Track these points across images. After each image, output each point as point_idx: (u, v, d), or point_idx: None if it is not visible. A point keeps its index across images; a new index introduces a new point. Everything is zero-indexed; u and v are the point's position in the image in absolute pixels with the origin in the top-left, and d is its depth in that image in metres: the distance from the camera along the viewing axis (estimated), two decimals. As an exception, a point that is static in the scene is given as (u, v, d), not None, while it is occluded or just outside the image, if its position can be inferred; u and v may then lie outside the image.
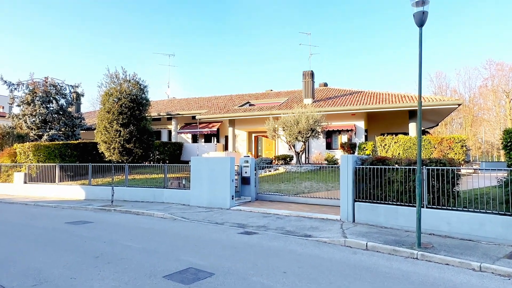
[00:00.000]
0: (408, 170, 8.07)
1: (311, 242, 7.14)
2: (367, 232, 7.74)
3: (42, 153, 18.25)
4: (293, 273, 5.18)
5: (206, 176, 12.10)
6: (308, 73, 23.08)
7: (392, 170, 8.35)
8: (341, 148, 20.46)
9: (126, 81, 18.87)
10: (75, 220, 9.90)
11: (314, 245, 6.90)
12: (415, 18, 6.59)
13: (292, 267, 5.47)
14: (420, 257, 6.04)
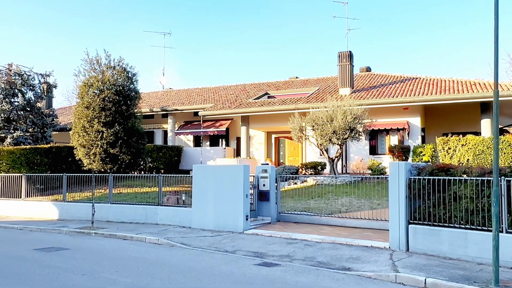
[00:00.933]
0: (481, 182, 7.89)
1: (351, 278, 7.06)
2: (425, 264, 7.61)
3: (5, 161, 18.80)
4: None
5: (213, 190, 12.16)
6: (345, 55, 22.96)
7: (459, 182, 8.18)
8: (389, 153, 20.23)
9: (109, 68, 19.31)
10: (47, 246, 10.07)
11: (355, 282, 6.82)
12: (489, -20, 6.47)
13: (325, 310, 5.43)
14: (499, 299, 5.89)
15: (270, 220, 12.82)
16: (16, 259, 8.80)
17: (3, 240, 11.36)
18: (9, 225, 13.94)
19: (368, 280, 6.92)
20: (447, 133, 19.91)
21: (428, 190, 8.56)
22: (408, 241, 8.77)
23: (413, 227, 8.73)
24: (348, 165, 21.36)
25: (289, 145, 25.26)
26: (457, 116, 21.87)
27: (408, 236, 8.79)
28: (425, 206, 8.61)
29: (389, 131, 21.30)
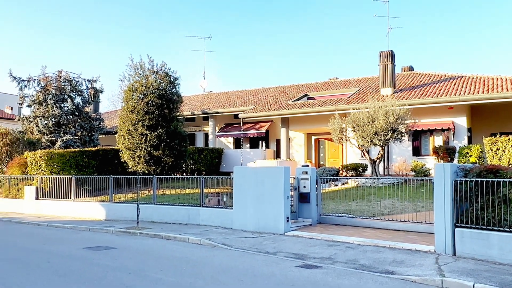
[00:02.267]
0: (534, 185, 7.53)
1: (394, 282, 6.90)
2: (473, 269, 7.33)
3: (55, 163, 19.55)
4: (371, 322, 5.06)
5: (253, 192, 12.22)
6: (386, 54, 22.50)
7: (510, 184, 7.83)
8: (434, 154, 19.62)
9: (153, 73, 19.76)
10: (95, 245, 10.40)
11: (399, 285, 6.67)
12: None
13: (369, 314, 5.34)
14: (554, 307, 5.59)
15: (310, 222, 12.73)
16: (67, 257, 9.12)
17: (55, 239, 11.80)
18: (60, 225, 14.47)
19: (412, 284, 6.74)
20: (495, 133, 19.09)
21: (476, 193, 8.24)
22: (455, 245, 8.47)
23: (460, 231, 8.43)
24: (390, 167, 20.89)
25: (329, 147, 25.01)
26: (506, 115, 20.91)
27: (455, 239, 8.48)
28: (472, 209, 8.29)
29: (433, 131, 20.66)
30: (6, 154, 22.79)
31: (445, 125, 19.85)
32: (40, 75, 25.15)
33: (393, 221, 11.67)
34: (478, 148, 16.91)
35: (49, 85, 24.69)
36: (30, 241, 11.49)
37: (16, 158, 21.94)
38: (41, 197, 18.58)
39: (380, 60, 22.65)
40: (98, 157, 20.57)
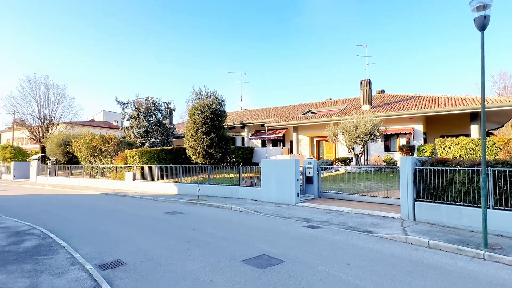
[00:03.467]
0: (472, 172, 7.19)
1: (372, 238, 6.75)
2: (428, 230, 7.07)
3: (145, 157, 20.08)
4: (356, 265, 4.96)
5: (274, 176, 12.20)
6: (365, 82, 21.99)
7: (454, 171, 7.51)
8: (399, 151, 19.04)
9: (207, 97, 19.96)
10: (171, 211, 10.66)
11: (375, 241, 6.51)
12: (476, 22, 5.88)
13: (354, 260, 5.24)
14: (487, 258, 5.33)
15: (314, 197, 12.58)
16: (154, 219, 9.38)
17: (145, 207, 12.11)
18: (148, 197, 14.86)
19: (385, 240, 6.57)
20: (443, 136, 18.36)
21: (430, 177, 7.95)
22: (415, 213, 8.20)
23: (418, 204, 8.15)
24: (368, 159, 20.39)
25: (326, 146, 24.64)
26: (451, 123, 20.10)
27: (415, 210, 8.21)
28: (427, 188, 8.01)
29: (399, 134, 20.03)
30: (114, 151, 23.54)
31: (407, 130, 19.21)
32: (135, 99, 25.87)
33: (371, 196, 11.39)
34: (431, 146, 16.29)
35: (140, 106, 25.35)
36: (129, 208, 11.81)
37: (120, 154, 22.61)
38: (136, 179, 19.07)
39: (361, 86, 22.16)
40: (172, 153, 21.00)
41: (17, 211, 10.70)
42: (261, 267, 4.84)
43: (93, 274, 4.56)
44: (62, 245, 6.17)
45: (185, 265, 4.97)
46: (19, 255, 5.51)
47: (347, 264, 5.00)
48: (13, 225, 8.16)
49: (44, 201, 13.94)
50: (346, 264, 5.02)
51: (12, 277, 4.41)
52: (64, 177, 24.37)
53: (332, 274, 4.58)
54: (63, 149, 27.85)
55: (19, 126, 35.86)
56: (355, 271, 4.68)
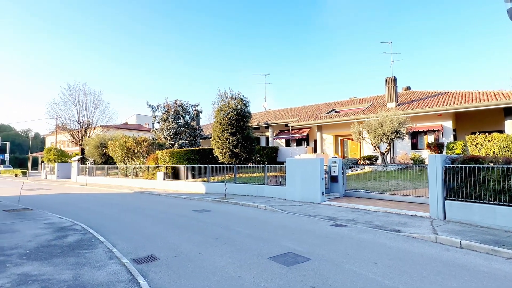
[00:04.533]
0: (507, 169, 6.74)
1: (400, 237, 6.51)
2: (460, 230, 6.71)
3: (175, 157, 20.59)
4: (383, 264, 4.81)
5: (299, 175, 12.09)
6: (390, 79, 21.24)
7: (487, 169, 7.08)
8: (427, 148, 18.20)
9: (232, 99, 20.14)
10: (199, 209, 10.83)
11: (403, 240, 6.28)
12: (509, 13, 5.51)
13: (382, 259, 5.08)
14: (526, 260, 4.97)
15: (339, 196, 12.34)
16: (183, 216, 9.57)
17: (175, 205, 12.37)
18: (178, 196, 15.20)
19: (413, 240, 6.32)
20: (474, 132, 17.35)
21: (461, 175, 7.55)
22: (445, 212, 7.82)
23: (448, 202, 7.76)
24: (395, 157, 19.68)
25: (351, 144, 24.06)
26: (483, 119, 18.92)
27: (445, 209, 7.83)
28: (458, 187, 7.60)
29: (426, 132, 19.17)
30: (146, 152, 24.37)
31: (436, 127, 18.35)
32: (164, 103, 26.63)
33: (398, 195, 10.99)
34: (462, 143, 15.44)
35: (169, 109, 26.05)
36: (160, 206, 12.10)
37: (151, 155, 23.33)
38: (167, 178, 19.56)
39: (386, 83, 21.44)
40: (200, 153, 21.37)
41: (61, 208, 11.37)
42: (288, 264, 4.82)
43: (129, 268, 4.75)
44: (101, 240, 6.49)
45: (214, 261, 5.05)
46: (63, 248, 5.85)
47: (375, 263, 4.86)
48: (57, 221, 8.68)
49: (84, 199, 14.71)
50: (373, 263, 4.88)
51: (57, 269, 4.70)
52: (101, 177, 25.57)
53: (359, 272, 4.47)
54: (100, 150, 29.24)
55: (61, 130, 38.06)
56: (382, 270, 4.54)
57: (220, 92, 20.42)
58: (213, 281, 4.24)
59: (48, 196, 16.37)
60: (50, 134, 46.88)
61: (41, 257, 5.32)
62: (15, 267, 4.80)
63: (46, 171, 35.31)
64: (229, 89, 20.36)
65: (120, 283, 4.15)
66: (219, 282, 4.20)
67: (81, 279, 4.28)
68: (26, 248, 5.89)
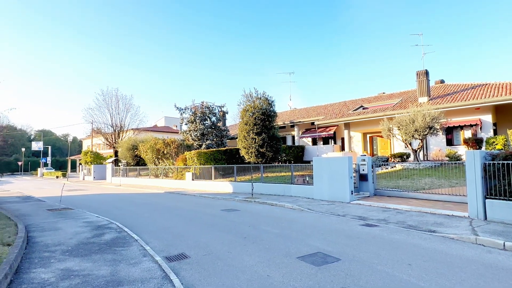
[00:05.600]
0: (556, 165, 6.20)
1: (436, 238, 6.20)
2: (503, 231, 6.27)
3: (202, 158, 20.99)
4: (418, 266, 4.60)
5: (327, 174, 11.89)
6: (422, 73, 20.29)
7: (533, 165, 6.56)
8: (464, 144, 17.18)
9: (258, 99, 20.19)
10: (227, 208, 10.96)
11: (439, 241, 5.97)
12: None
13: (417, 260, 4.87)
14: None
15: (368, 195, 11.99)
16: (211, 215, 9.73)
17: (204, 204, 12.58)
18: (206, 195, 15.44)
19: (451, 241, 5.99)
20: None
21: (503, 172, 7.05)
22: (486, 212, 7.35)
23: (490, 201, 7.29)
24: (428, 154, 18.78)
25: (380, 141, 23.28)
26: (527, 112, 17.55)
27: (485, 208, 7.36)
28: (500, 185, 7.11)
29: (463, 127, 18.10)
30: (175, 153, 25.08)
31: (473, 122, 17.26)
32: (191, 105, 27.23)
33: (432, 194, 10.48)
34: (503, 138, 14.42)
35: (196, 110, 26.61)
36: (189, 205, 12.37)
37: (180, 156, 23.95)
38: (195, 179, 20.00)
39: (417, 77, 20.51)
40: (226, 154, 21.61)
41: (97, 208, 12.00)
42: (317, 265, 4.76)
43: (161, 265, 4.92)
44: (135, 238, 6.77)
45: (243, 260, 5.10)
46: (101, 246, 6.18)
47: (409, 265, 4.67)
48: (95, 220, 9.17)
49: (118, 199, 15.41)
50: (407, 264, 4.69)
51: (96, 265, 4.96)
52: (134, 177, 26.66)
53: (392, 274, 4.32)
54: (132, 152, 30.50)
55: (96, 133, 40.17)
56: (417, 272, 4.35)
57: (245, 92, 20.56)
58: (243, 279, 4.28)
59: (85, 196, 17.34)
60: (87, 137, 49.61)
61: (81, 253, 5.65)
62: (59, 262, 5.14)
63: (84, 173, 37.42)
64: (254, 89, 20.46)
65: (153, 280, 4.31)
66: (249, 280, 4.23)
67: (118, 275, 4.50)
68: (68, 245, 6.27)
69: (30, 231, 7.63)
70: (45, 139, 71.66)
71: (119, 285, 4.14)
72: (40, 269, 4.82)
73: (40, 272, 4.68)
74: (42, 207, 12.32)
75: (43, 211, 11.28)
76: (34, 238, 6.86)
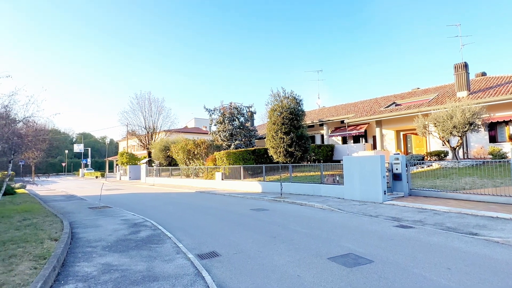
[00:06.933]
0: None
1: (478, 241, 5.82)
2: (556, 235, 5.74)
3: (231, 158, 21.24)
4: (458, 271, 4.35)
5: (358, 173, 11.57)
6: (460, 65, 19.08)
7: None
8: (510, 141, 15.97)
9: (285, 98, 20.11)
10: (256, 208, 11.01)
11: (482, 244, 5.60)
12: None
13: (457, 264, 4.60)
14: None
15: (403, 195, 11.51)
16: (241, 215, 9.83)
17: (233, 203, 12.72)
18: (235, 195, 15.62)
19: (496, 244, 5.59)
20: None
21: (555, 171, 6.45)
22: (536, 214, 6.76)
23: (540, 202, 6.70)
24: (468, 152, 17.63)
25: (415, 139, 22.24)
26: None
27: (535, 210, 6.78)
28: (552, 184, 6.51)
29: (508, 122, 16.78)
30: (205, 154, 25.65)
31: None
32: (220, 106, 27.65)
33: (474, 194, 9.84)
34: (556, 133, 13.18)
35: (225, 111, 26.99)
36: (219, 204, 12.57)
37: (210, 156, 24.41)
38: (224, 178, 20.30)
39: (455, 70, 19.32)
40: (255, 153, 21.72)
41: (133, 207, 12.59)
42: (349, 266, 4.66)
43: (194, 262, 5.07)
44: (168, 236, 7.03)
45: (273, 259, 5.11)
46: (137, 242, 6.48)
47: (448, 269, 4.43)
48: (131, 218, 9.64)
49: (152, 198, 16.06)
50: (446, 268, 4.46)
51: (133, 261, 5.22)
52: (166, 177, 27.63)
53: (429, 278, 4.12)
54: (164, 153, 31.63)
55: (131, 135, 42.12)
56: (458, 277, 4.12)
57: (272, 92, 20.56)
58: (273, 279, 4.29)
59: (122, 195, 18.25)
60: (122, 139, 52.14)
61: (119, 249, 5.97)
62: (100, 257, 5.47)
63: (120, 173, 39.41)
64: (282, 88, 20.40)
65: (187, 276, 4.45)
66: (279, 280, 4.24)
67: (153, 271, 4.70)
68: (108, 241, 6.66)
69: (74, 227, 8.18)
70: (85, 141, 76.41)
71: (155, 280, 4.33)
72: (83, 263, 5.16)
73: (83, 266, 5.02)
74: (84, 205, 13.16)
75: (85, 209, 12.04)
76: (77, 234, 7.35)
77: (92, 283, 4.25)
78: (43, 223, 8.14)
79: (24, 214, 9.75)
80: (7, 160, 10.55)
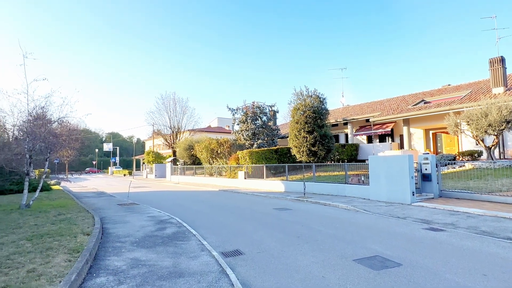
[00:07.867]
0: None
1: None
2: None
3: (254, 157, 21.35)
4: (495, 278, 4.10)
5: (384, 173, 11.22)
6: (496, 60, 17.99)
7: None
8: (552, 140, 14.83)
9: (308, 97, 19.90)
10: (279, 207, 10.99)
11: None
12: None
13: (493, 271, 4.34)
14: None
15: (432, 196, 11.03)
16: (264, 214, 9.84)
17: (256, 202, 12.76)
18: (258, 194, 15.64)
19: (537, 251, 5.21)
20: None
21: None
22: None
23: None
24: (505, 152, 16.59)
25: (445, 138, 21.21)
26: None
27: None
28: None
29: (550, 120, 15.58)
30: (228, 153, 25.92)
31: None
32: (242, 105, 27.83)
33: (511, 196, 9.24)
34: None
35: (247, 111, 27.13)
36: (242, 203, 12.66)
37: (233, 155, 24.61)
38: (247, 177, 20.42)
39: (491, 65, 18.21)
40: (277, 153, 21.68)
41: (159, 204, 12.95)
42: (375, 269, 4.53)
43: (218, 260, 5.13)
44: (193, 233, 7.16)
45: (296, 259, 5.07)
46: (163, 239, 6.66)
47: (483, 275, 4.19)
48: (157, 214, 9.92)
49: (177, 196, 16.45)
50: (481, 274, 4.22)
51: (160, 257, 5.37)
52: (190, 176, 28.20)
53: (463, 284, 3.91)
54: (188, 152, 32.30)
55: (157, 135, 43.37)
56: (495, 284, 3.88)
57: (295, 91, 20.39)
58: (297, 279, 4.26)
59: (149, 193, 18.84)
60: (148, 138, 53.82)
61: (147, 245, 6.16)
62: (128, 252, 5.67)
63: (147, 171, 40.70)
64: (305, 87, 20.17)
65: (211, 274, 4.52)
66: (303, 280, 4.20)
67: (179, 267, 4.81)
68: (136, 237, 6.89)
69: (104, 222, 8.54)
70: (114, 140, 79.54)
71: (180, 276, 4.42)
72: (113, 257, 5.38)
73: (113, 260, 5.22)
74: (113, 202, 13.71)
75: (114, 205, 12.55)
76: (107, 229, 7.67)
77: (122, 277, 4.41)
78: (76, 218, 8.57)
79: (59, 209, 10.33)
80: (44, 158, 11.23)
